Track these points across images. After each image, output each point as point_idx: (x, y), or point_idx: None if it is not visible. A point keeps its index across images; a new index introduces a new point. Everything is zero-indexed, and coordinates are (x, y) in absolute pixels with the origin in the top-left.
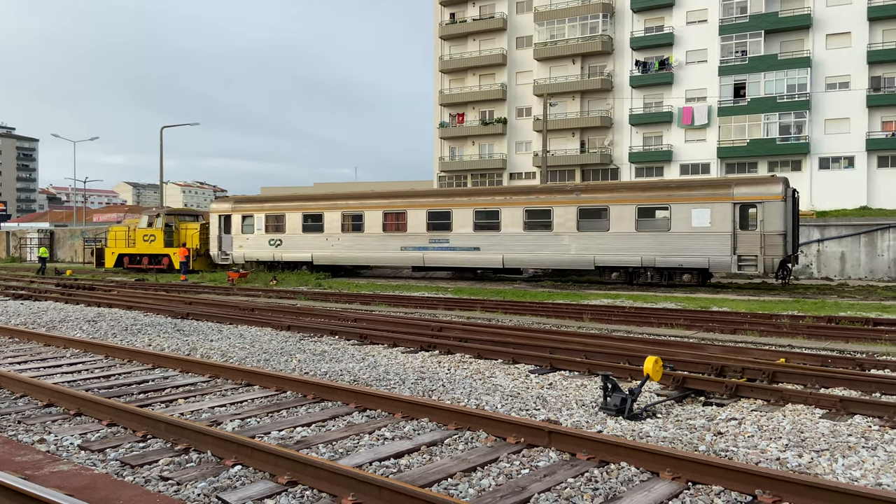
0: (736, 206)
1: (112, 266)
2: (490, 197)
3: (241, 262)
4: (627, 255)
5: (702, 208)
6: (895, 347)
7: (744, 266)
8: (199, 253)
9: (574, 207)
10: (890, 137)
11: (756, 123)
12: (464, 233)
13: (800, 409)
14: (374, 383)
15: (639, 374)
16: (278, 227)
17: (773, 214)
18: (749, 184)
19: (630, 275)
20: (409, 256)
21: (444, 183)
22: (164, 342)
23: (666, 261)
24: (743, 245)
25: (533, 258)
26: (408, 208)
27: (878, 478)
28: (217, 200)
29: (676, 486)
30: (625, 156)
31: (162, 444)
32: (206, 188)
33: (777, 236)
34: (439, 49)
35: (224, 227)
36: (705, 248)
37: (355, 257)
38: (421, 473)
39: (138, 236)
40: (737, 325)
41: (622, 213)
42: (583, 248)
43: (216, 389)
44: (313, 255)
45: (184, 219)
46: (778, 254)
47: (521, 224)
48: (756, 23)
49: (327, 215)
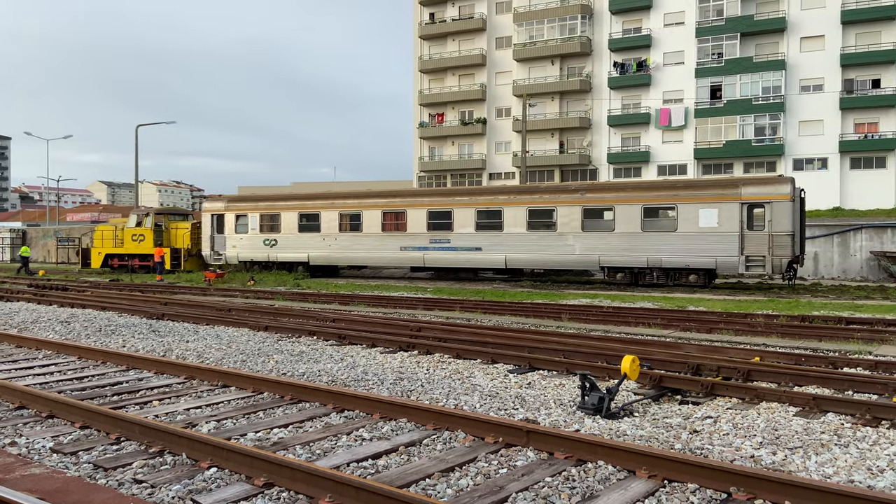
0: (744, 206)
1: (99, 266)
2: (493, 196)
3: (235, 263)
4: (633, 256)
5: (709, 208)
6: (867, 346)
7: (751, 266)
8: (190, 253)
9: (578, 207)
10: (862, 139)
11: (732, 125)
12: (465, 233)
13: (774, 408)
14: (353, 384)
15: (616, 374)
16: (273, 226)
17: (782, 214)
18: (757, 183)
19: (635, 275)
20: (409, 257)
21: (424, 183)
22: (139, 343)
23: (672, 261)
24: (751, 245)
25: (536, 258)
26: (408, 208)
27: (851, 475)
28: (210, 199)
29: (653, 485)
30: (603, 156)
31: (136, 447)
32: (183, 187)
33: (785, 236)
34: (419, 49)
35: (217, 227)
36: (712, 248)
37: (353, 257)
38: (399, 474)
39: (126, 236)
40: (713, 325)
41: (628, 212)
42: (588, 249)
43: (192, 391)
44: (310, 256)
45: (174, 218)
46: (786, 254)
47: (525, 224)
48: (732, 25)
49: (324, 215)
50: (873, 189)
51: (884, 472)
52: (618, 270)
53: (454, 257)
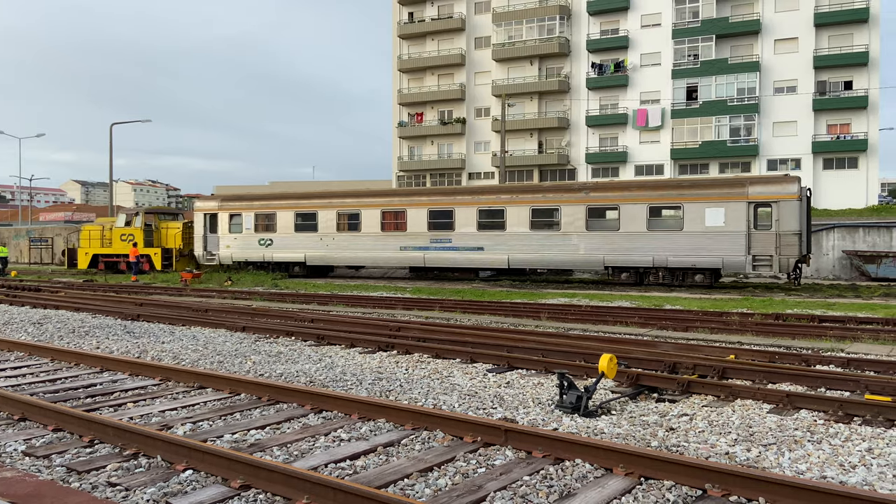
0: (751, 206)
1: (86, 267)
2: (495, 196)
3: (229, 263)
4: (638, 255)
5: (716, 207)
6: (839, 343)
7: (758, 266)
8: (182, 253)
9: (583, 206)
10: (834, 140)
11: (708, 126)
12: (467, 232)
13: (748, 405)
14: (331, 384)
15: (594, 372)
16: (269, 226)
17: (789, 214)
18: (764, 183)
19: (640, 275)
20: (409, 256)
21: (403, 183)
22: (114, 345)
23: (679, 261)
24: (757, 245)
25: (540, 258)
26: (408, 207)
27: (823, 471)
28: (202, 198)
29: (629, 482)
30: (582, 156)
31: (110, 450)
32: (159, 187)
33: (792, 236)
34: (398, 48)
35: (210, 227)
36: (719, 247)
37: (351, 257)
38: (377, 474)
39: (115, 236)
40: (689, 323)
41: (633, 212)
42: (592, 248)
43: (167, 392)
44: (306, 256)
45: (164, 218)
46: (793, 254)
47: (528, 223)
48: (707, 27)
49: (321, 214)
50: (845, 189)
51: (856, 468)
52: (622, 270)
53: (456, 257)
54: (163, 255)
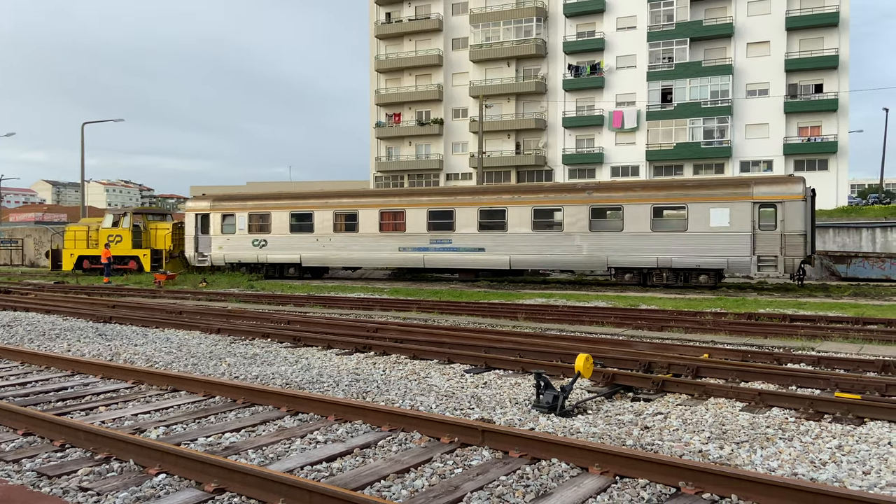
0: (756, 206)
1: (71, 269)
2: (496, 195)
3: (222, 264)
4: (642, 256)
5: (720, 208)
6: (810, 342)
7: (763, 267)
8: (172, 255)
9: (586, 206)
10: (805, 142)
11: (682, 128)
12: (468, 233)
13: (722, 403)
14: (307, 386)
15: (571, 372)
16: (263, 226)
17: (794, 214)
18: (769, 183)
19: (644, 276)
20: (409, 257)
21: (381, 183)
22: (85, 347)
23: (683, 262)
24: (763, 245)
25: (542, 259)
26: (407, 207)
27: (794, 468)
28: (194, 199)
29: (605, 481)
30: (558, 157)
31: (81, 454)
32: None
33: (798, 236)
34: (375, 48)
35: (201, 227)
36: (724, 248)
37: (349, 259)
38: (353, 476)
39: (102, 237)
40: (664, 323)
41: (637, 212)
42: (596, 249)
43: (140, 396)
44: (302, 257)
45: (153, 218)
46: (799, 254)
47: (530, 224)
48: (682, 30)
49: (318, 214)
50: (816, 190)
51: (826, 464)
52: (626, 271)
53: (456, 258)
54: (152, 256)
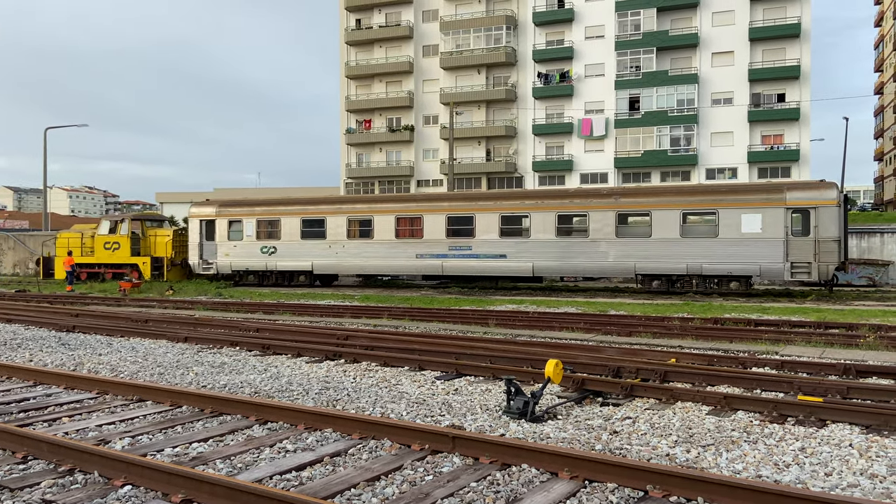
0: (789, 212)
1: (63, 277)
2: (519, 201)
3: (228, 272)
4: (672, 263)
5: (753, 213)
6: (774, 346)
7: (797, 273)
8: (173, 262)
9: (612, 212)
10: (768, 150)
11: (649, 135)
12: (488, 239)
13: (689, 407)
14: (277, 395)
15: (541, 378)
16: (272, 233)
17: (828, 220)
18: (803, 188)
19: (672, 283)
20: (426, 265)
21: (351, 190)
22: (48, 357)
23: (713, 268)
24: (796, 252)
25: (567, 266)
26: (424, 213)
27: (759, 470)
28: (198, 204)
29: (574, 485)
30: (529, 164)
31: (44, 466)
32: (96, 193)
33: (832, 243)
34: (345, 54)
35: (206, 234)
36: (756, 254)
37: (363, 266)
38: (323, 485)
39: (97, 244)
40: (632, 328)
41: (666, 218)
42: (622, 256)
43: (104, 406)
44: (314, 264)
45: (151, 224)
46: (833, 260)
47: (554, 230)
48: (648, 40)
49: (330, 220)
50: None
51: (789, 466)
52: (654, 278)
53: (476, 265)
54: (152, 264)
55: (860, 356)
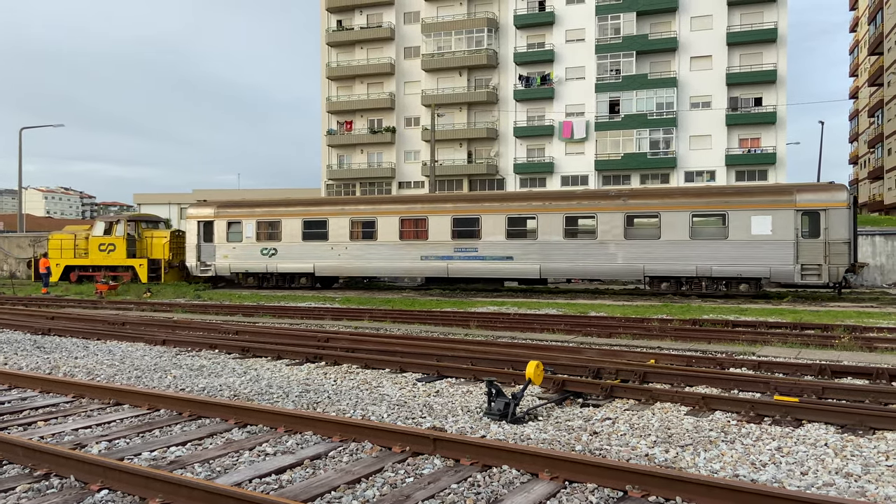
0: (799, 214)
1: (57, 280)
2: (526, 202)
3: (227, 274)
4: (681, 265)
5: (762, 215)
6: (751, 347)
7: (807, 275)
8: (171, 264)
9: (621, 214)
10: (746, 153)
11: (629, 138)
12: (495, 241)
13: (667, 407)
14: (256, 398)
15: (522, 379)
16: (272, 234)
17: (838, 222)
18: (813, 190)
19: (681, 285)
20: (431, 266)
21: (332, 191)
22: (23, 360)
23: (723, 270)
24: (806, 254)
25: (574, 268)
26: (429, 214)
27: (736, 469)
28: (196, 205)
29: (554, 486)
30: (510, 166)
31: (19, 470)
32: (72, 194)
33: (842, 244)
34: (326, 56)
35: (204, 235)
36: (766, 256)
37: (366, 268)
38: (303, 488)
39: (92, 246)
40: (612, 330)
41: (675, 220)
42: (631, 258)
43: (81, 410)
44: (315, 266)
45: (147, 226)
46: (843, 262)
47: (562, 231)
48: (628, 44)
49: (333, 222)
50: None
51: (766, 466)
52: (663, 280)
53: (482, 267)
54: (149, 266)
55: (835, 356)
